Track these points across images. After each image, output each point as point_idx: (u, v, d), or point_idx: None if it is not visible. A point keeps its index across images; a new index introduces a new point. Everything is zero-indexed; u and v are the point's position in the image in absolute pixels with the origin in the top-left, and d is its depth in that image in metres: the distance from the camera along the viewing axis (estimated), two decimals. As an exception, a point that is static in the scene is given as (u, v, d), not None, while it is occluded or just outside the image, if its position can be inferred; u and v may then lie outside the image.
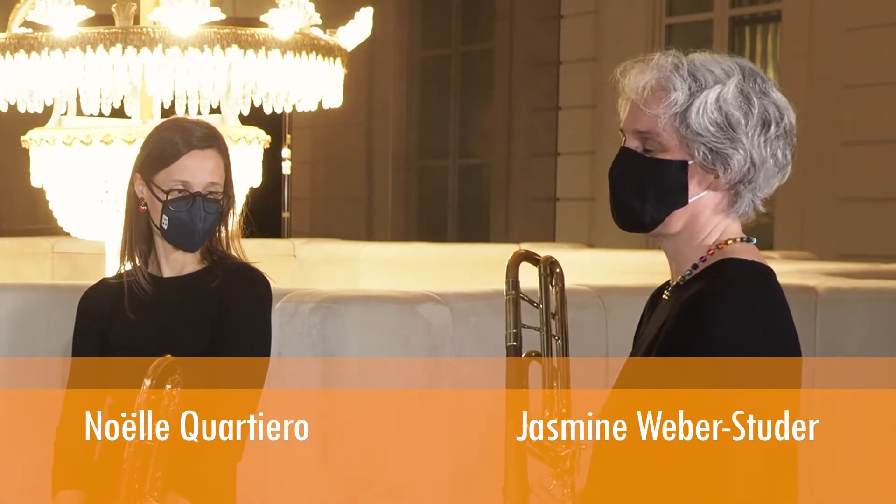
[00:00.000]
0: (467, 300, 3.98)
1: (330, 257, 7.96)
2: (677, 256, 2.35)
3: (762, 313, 2.20)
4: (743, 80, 2.26)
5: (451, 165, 11.85)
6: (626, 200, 2.34)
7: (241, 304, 3.14)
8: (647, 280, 5.04)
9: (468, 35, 11.74)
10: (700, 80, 2.26)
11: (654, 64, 2.31)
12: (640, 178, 2.31)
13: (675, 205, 2.29)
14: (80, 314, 3.28)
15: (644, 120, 2.29)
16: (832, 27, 8.46)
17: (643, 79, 2.31)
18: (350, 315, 3.83)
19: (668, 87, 2.27)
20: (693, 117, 2.24)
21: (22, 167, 5.91)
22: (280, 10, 5.47)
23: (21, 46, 5.32)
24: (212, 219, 3.18)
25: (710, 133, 2.24)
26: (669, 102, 2.26)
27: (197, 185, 3.15)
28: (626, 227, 2.36)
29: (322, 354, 3.77)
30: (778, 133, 2.25)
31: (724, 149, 2.24)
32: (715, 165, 2.25)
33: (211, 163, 3.18)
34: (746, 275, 2.26)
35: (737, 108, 2.24)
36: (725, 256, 2.29)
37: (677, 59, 2.29)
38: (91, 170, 5.45)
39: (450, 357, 3.89)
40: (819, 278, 4.90)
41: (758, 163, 2.25)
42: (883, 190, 8.18)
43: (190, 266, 3.22)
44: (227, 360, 3.09)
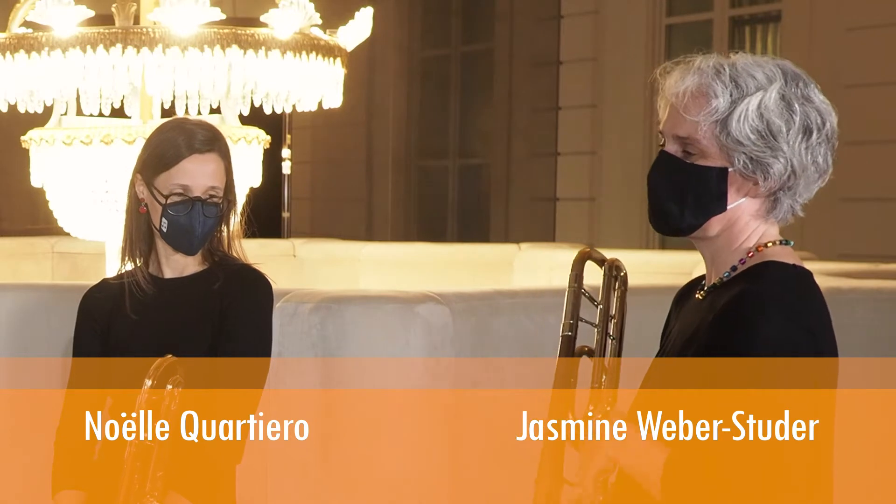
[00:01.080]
0: (467, 300, 3.98)
1: (330, 257, 7.96)
2: (715, 259, 2.33)
3: (806, 316, 2.21)
4: (785, 86, 2.24)
5: (451, 165, 11.85)
6: (664, 205, 2.32)
7: (243, 305, 3.13)
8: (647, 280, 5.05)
9: (468, 35, 11.74)
10: (742, 86, 2.24)
11: (696, 68, 2.28)
12: (678, 184, 2.29)
13: (714, 211, 2.27)
14: (80, 314, 3.27)
15: (684, 125, 2.27)
16: (832, 27, 8.46)
17: (684, 83, 2.28)
18: (350, 315, 3.83)
19: (710, 94, 2.24)
20: (734, 125, 2.22)
21: (22, 167, 5.91)
22: (280, 10, 5.47)
23: (21, 46, 5.32)
24: (211, 222, 3.17)
25: (750, 141, 2.22)
26: (710, 110, 2.24)
27: (197, 189, 3.14)
28: (664, 230, 2.35)
29: (322, 354, 3.77)
30: (820, 140, 2.24)
31: (764, 157, 2.22)
32: (755, 173, 2.24)
33: (211, 166, 3.17)
34: (790, 278, 2.26)
35: (778, 115, 2.22)
36: (766, 259, 2.28)
37: (719, 63, 2.26)
38: (91, 170, 5.45)
39: (450, 357, 3.89)
40: (819, 278, 4.89)
41: (798, 170, 2.24)
42: (883, 190, 8.18)
43: (191, 267, 3.21)
44: (227, 360, 3.09)
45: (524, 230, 10.47)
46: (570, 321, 2.47)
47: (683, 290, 2.49)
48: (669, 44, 9.72)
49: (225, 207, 3.19)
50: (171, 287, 3.19)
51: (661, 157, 2.31)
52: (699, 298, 2.34)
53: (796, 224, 2.34)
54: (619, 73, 9.63)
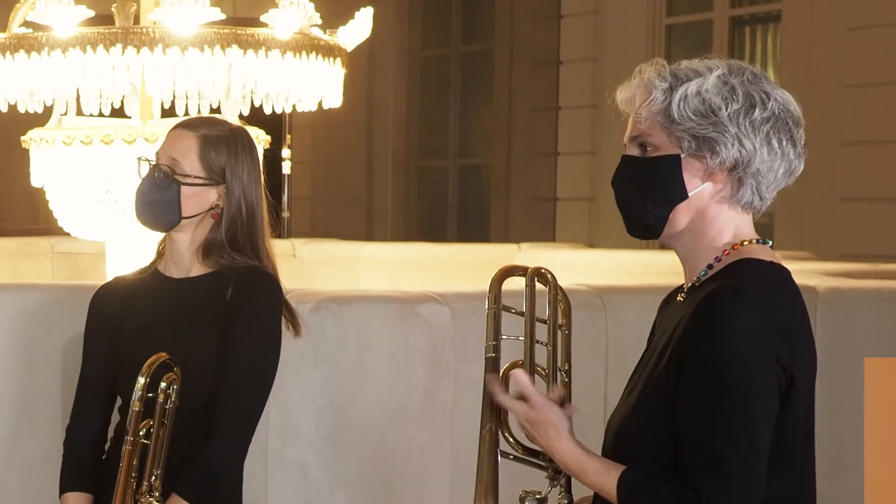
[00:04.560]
0: (467, 300, 3.98)
1: (330, 257, 7.96)
2: (690, 257, 2.33)
3: (779, 311, 2.20)
4: (728, 74, 2.27)
5: (451, 165, 11.85)
6: (629, 205, 2.35)
7: (248, 314, 3.09)
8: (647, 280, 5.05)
9: (468, 35, 11.74)
10: (681, 77, 2.28)
11: (638, 72, 2.33)
12: (637, 181, 2.32)
13: (676, 200, 2.29)
14: (91, 312, 3.25)
15: (635, 126, 2.32)
16: (832, 27, 8.46)
17: (630, 91, 2.33)
18: (350, 315, 3.83)
19: (651, 88, 2.29)
20: (675, 110, 2.25)
21: (22, 167, 5.91)
22: (280, 10, 5.47)
23: (21, 46, 5.32)
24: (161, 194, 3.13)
25: (692, 121, 2.25)
26: (651, 100, 2.28)
27: (161, 157, 3.16)
28: (637, 233, 2.36)
29: (322, 354, 3.77)
30: (765, 115, 2.24)
31: (707, 133, 2.24)
32: (702, 151, 2.26)
33: (183, 143, 3.16)
34: (766, 274, 2.26)
35: (717, 94, 2.25)
36: (742, 257, 2.28)
37: (661, 65, 2.32)
38: (91, 170, 5.45)
39: (450, 357, 3.89)
40: (819, 278, 4.90)
41: (748, 146, 2.24)
42: (883, 190, 8.18)
43: (196, 268, 3.18)
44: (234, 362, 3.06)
45: (524, 230, 10.47)
46: (493, 342, 2.46)
47: (669, 295, 2.49)
48: (669, 44, 9.72)
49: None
50: (178, 287, 3.17)
51: (622, 162, 2.36)
52: (680, 300, 2.34)
53: (796, 224, 2.34)
54: (619, 73, 9.59)
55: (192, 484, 2.98)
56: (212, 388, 3.02)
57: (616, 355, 4.14)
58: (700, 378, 2.16)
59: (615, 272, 6.46)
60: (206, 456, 3.00)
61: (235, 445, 3.05)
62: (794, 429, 2.22)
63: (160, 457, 2.94)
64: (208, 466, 3.01)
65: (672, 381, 2.21)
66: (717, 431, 2.14)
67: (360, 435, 3.82)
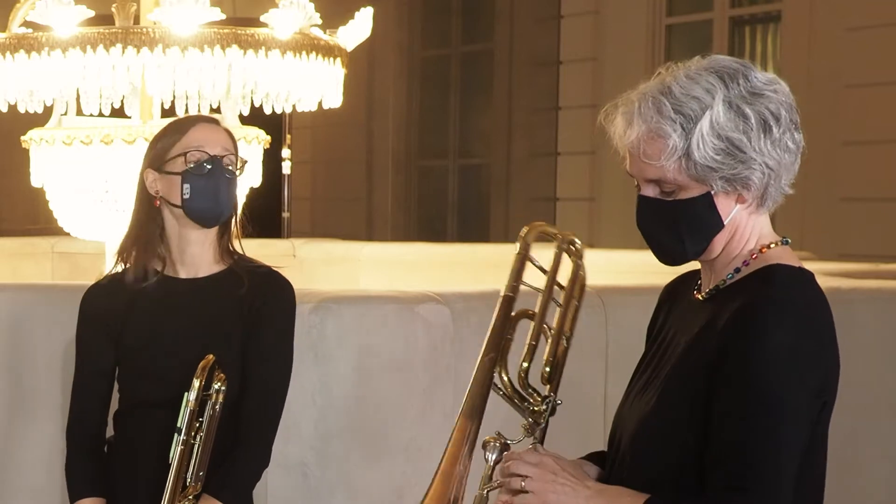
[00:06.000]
0: (467, 300, 3.98)
1: (330, 257, 7.96)
2: (713, 261, 2.31)
3: (817, 325, 2.19)
4: (728, 92, 2.19)
5: (451, 165, 11.85)
6: (665, 245, 2.30)
7: (276, 317, 3.08)
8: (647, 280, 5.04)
9: (468, 35, 11.74)
10: (688, 114, 2.19)
11: (636, 111, 2.22)
12: (669, 222, 2.26)
13: (714, 233, 2.25)
14: (85, 314, 3.20)
15: (651, 170, 2.23)
16: (832, 27, 8.46)
17: (632, 131, 2.23)
18: (350, 315, 3.83)
19: (662, 135, 2.20)
20: (696, 154, 2.18)
21: (22, 167, 5.91)
22: (280, 10, 5.47)
23: (21, 46, 5.32)
24: (232, 189, 3.08)
25: (718, 163, 2.19)
26: (669, 151, 2.20)
27: (213, 147, 3.07)
28: (674, 264, 2.33)
29: (322, 354, 3.77)
30: (781, 129, 2.20)
31: (738, 173, 2.19)
32: (737, 189, 2.22)
33: (222, 135, 3.12)
34: (798, 283, 2.24)
35: (734, 129, 2.18)
36: (770, 262, 2.26)
37: (656, 98, 2.21)
38: (91, 170, 5.45)
39: (450, 357, 3.89)
40: (819, 278, 4.89)
41: (775, 166, 2.21)
42: (883, 190, 8.18)
43: (206, 266, 3.14)
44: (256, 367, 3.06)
45: (524, 230, 10.45)
46: (514, 283, 2.51)
47: (672, 286, 2.46)
48: (669, 44, 9.72)
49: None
50: (192, 288, 3.13)
51: (642, 202, 2.28)
52: (699, 299, 2.32)
53: (796, 224, 2.34)
54: (619, 73, 9.62)
55: (229, 489, 2.99)
56: (235, 387, 3.02)
57: (616, 355, 4.15)
58: (739, 391, 2.13)
59: (615, 272, 6.45)
60: (241, 460, 3.02)
61: (266, 449, 3.08)
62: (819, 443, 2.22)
63: (207, 458, 2.95)
64: (244, 471, 3.04)
65: (704, 388, 2.17)
66: (750, 447, 2.11)
67: (360, 435, 3.82)
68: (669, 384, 2.25)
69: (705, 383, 2.17)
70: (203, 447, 2.94)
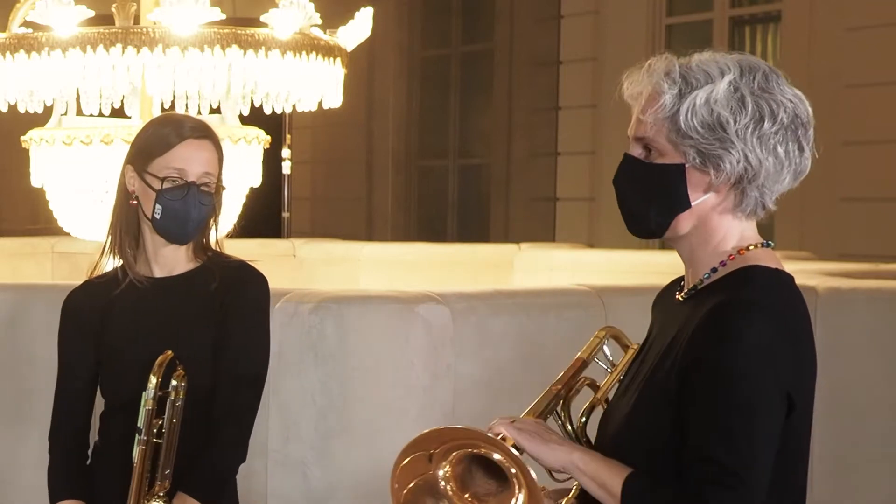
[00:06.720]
0: (467, 300, 3.98)
1: (330, 257, 7.96)
2: (693, 260, 2.31)
3: (791, 325, 2.19)
4: (739, 78, 2.20)
5: (451, 165, 11.85)
6: (631, 207, 2.31)
7: (242, 306, 3.09)
8: (647, 280, 5.05)
9: (468, 35, 11.74)
10: (691, 81, 2.21)
11: (648, 68, 2.27)
12: (641, 184, 2.28)
13: (678, 209, 2.25)
14: (66, 316, 3.19)
15: (641, 126, 2.27)
16: (832, 27, 8.46)
17: (639, 86, 2.27)
18: (350, 315, 3.83)
19: (659, 91, 2.23)
20: (682, 120, 2.20)
21: (22, 167, 5.92)
22: (280, 10, 5.47)
23: (21, 46, 5.32)
24: (205, 210, 3.10)
25: (699, 135, 2.20)
26: (658, 107, 2.23)
27: (192, 174, 3.08)
28: (638, 233, 2.34)
29: (322, 354, 3.77)
30: (775, 129, 2.20)
31: (713, 150, 2.20)
32: (706, 167, 2.21)
33: (206, 153, 3.11)
34: (774, 285, 2.24)
35: (726, 107, 2.19)
36: (748, 263, 2.25)
37: (670, 61, 2.25)
38: (91, 170, 5.45)
39: (450, 357, 3.89)
40: (819, 278, 4.90)
41: (754, 162, 2.20)
42: (883, 190, 8.18)
43: (181, 265, 3.14)
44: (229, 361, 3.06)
45: (524, 230, 10.47)
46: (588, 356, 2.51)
47: (662, 292, 2.47)
48: (669, 44, 9.72)
49: (216, 200, 3.15)
50: (166, 287, 3.13)
51: (624, 160, 2.31)
52: (679, 300, 2.32)
53: (796, 224, 2.33)
54: (619, 73, 9.60)
55: (203, 484, 2.98)
56: (207, 383, 3.02)
57: (616, 355, 4.14)
58: (711, 391, 2.13)
59: (615, 272, 6.46)
60: (214, 456, 3.00)
61: (240, 443, 3.06)
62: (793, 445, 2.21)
63: (172, 456, 2.94)
64: (218, 466, 3.02)
65: (676, 389, 2.19)
66: (725, 444, 2.11)
67: (359, 435, 3.82)
68: (645, 387, 2.27)
69: (677, 384, 2.19)
70: (167, 445, 2.93)
